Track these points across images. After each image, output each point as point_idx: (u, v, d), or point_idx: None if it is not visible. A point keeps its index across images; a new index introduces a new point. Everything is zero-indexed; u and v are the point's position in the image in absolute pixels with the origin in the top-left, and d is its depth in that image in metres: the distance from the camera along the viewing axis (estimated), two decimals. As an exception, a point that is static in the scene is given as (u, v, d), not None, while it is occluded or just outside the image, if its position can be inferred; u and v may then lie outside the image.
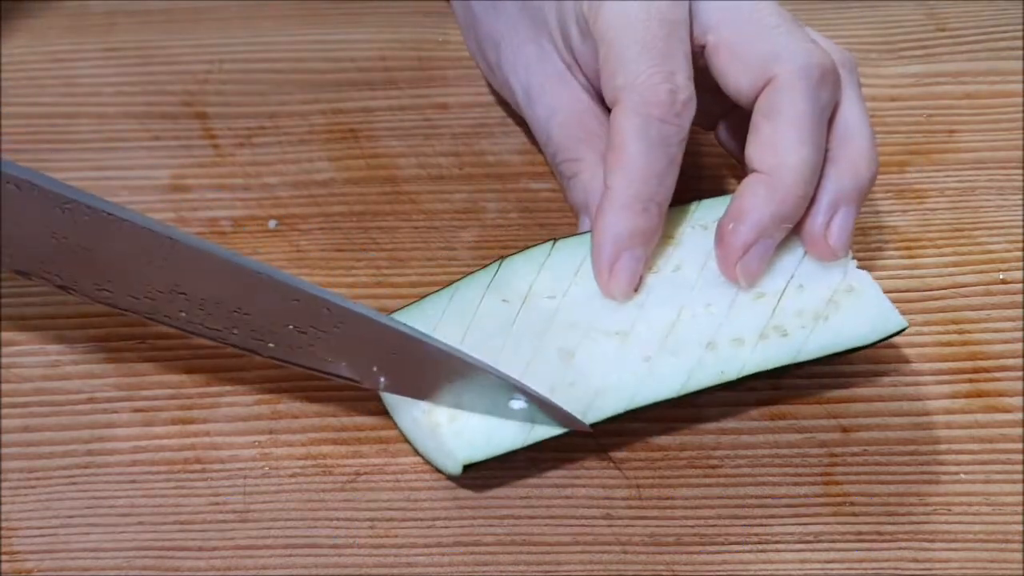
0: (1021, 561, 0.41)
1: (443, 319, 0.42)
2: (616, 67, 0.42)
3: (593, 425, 0.41)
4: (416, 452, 0.42)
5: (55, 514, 0.42)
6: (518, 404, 0.40)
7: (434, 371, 0.40)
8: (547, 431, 0.41)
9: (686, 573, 0.41)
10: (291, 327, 0.39)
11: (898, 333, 0.42)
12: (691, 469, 0.43)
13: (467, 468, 0.40)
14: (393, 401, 0.42)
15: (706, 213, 0.44)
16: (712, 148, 0.52)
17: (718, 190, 0.50)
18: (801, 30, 0.43)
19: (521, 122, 0.52)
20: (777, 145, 0.41)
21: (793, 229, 0.42)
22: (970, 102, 0.54)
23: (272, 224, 0.50)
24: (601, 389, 0.41)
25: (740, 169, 0.43)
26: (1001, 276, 0.48)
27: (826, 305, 0.42)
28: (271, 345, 0.40)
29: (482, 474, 0.42)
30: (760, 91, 0.42)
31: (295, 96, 0.54)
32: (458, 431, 0.41)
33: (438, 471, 0.42)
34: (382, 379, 0.40)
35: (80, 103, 0.54)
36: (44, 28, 0.57)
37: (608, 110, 0.43)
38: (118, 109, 0.54)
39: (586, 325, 0.42)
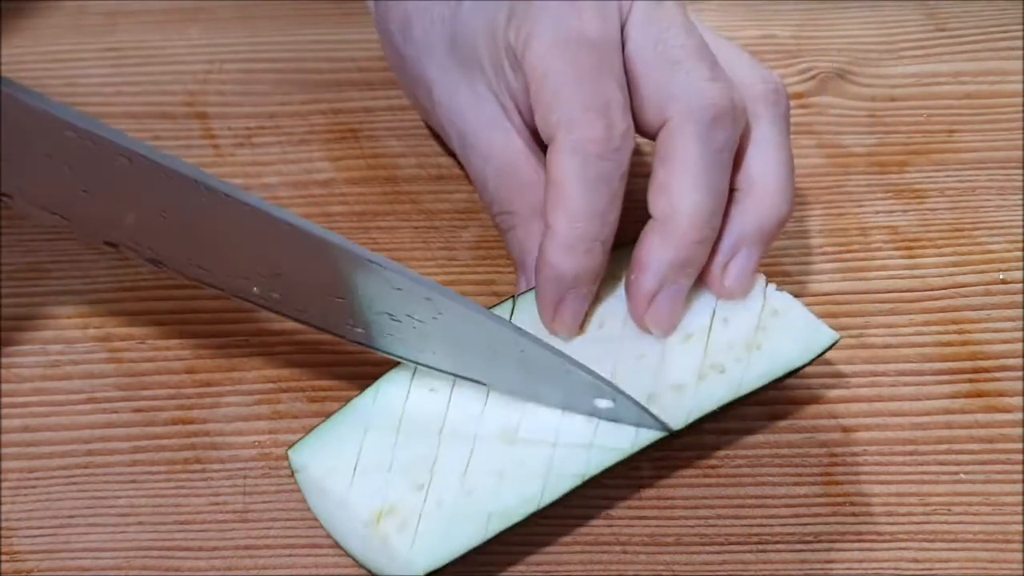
0: (1021, 561, 0.41)
1: (372, 419, 0.40)
2: (549, 103, 0.40)
3: (552, 504, 0.39)
4: (371, 573, 0.39)
5: (55, 514, 0.42)
6: (604, 404, 0.39)
7: (524, 366, 0.39)
8: (505, 522, 0.38)
9: (686, 573, 0.41)
10: (385, 314, 0.38)
11: (832, 346, 0.41)
12: (691, 469, 0.43)
13: None
14: (336, 525, 0.39)
15: (617, 264, 0.42)
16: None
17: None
18: (703, 63, 0.41)
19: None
20: (669, 191, 0.40)
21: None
22: (970, 102, 0.54)
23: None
24: (551, 465, 0.39)
25: None
26: (1001, 276, 0.48)
27: (755, 332, 0.41)
28: (359, 330, 0.39)
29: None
30: (658, 132, 0.41)
31: (295, 96, 0.54)
32: (410, 539, 0.38)
33: None
34: (475, 370, 0.40)
35: (80, 103, 0.54)
36: (44, 28, 0.57)
37: (545, 150, 0.41)
38: (118, 109, 0.54)
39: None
